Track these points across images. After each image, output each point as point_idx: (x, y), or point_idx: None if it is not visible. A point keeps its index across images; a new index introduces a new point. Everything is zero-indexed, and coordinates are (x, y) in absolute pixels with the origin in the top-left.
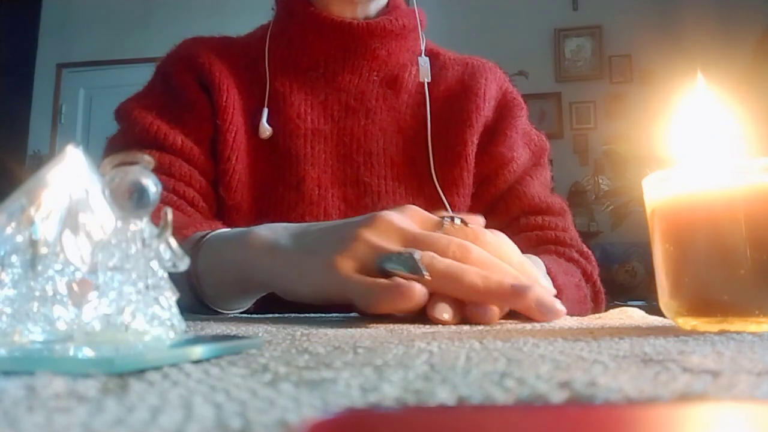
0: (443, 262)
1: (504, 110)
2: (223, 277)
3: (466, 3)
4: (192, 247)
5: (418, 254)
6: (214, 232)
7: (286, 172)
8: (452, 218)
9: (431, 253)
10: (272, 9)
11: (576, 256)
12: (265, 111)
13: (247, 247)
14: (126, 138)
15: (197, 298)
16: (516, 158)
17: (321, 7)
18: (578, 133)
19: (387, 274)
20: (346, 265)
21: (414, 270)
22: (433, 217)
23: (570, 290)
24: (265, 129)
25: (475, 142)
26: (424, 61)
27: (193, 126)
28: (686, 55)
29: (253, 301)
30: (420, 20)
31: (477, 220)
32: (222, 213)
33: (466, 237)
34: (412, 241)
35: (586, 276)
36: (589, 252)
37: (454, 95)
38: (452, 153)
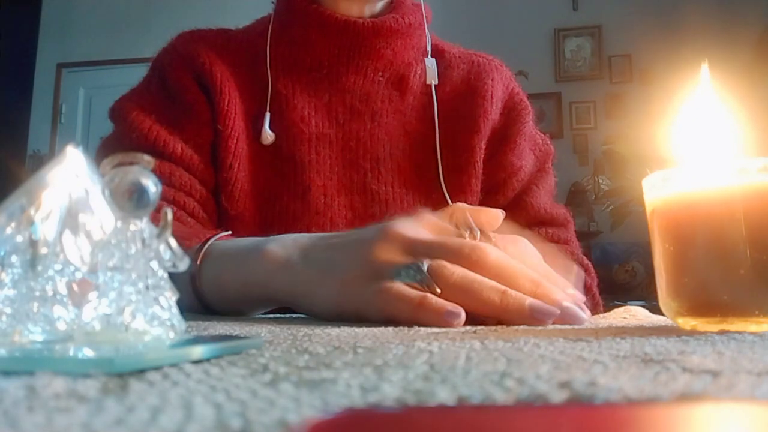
0: (457, 273)
1: (512, 113)
2: (233, 291)
3: (465, 3)
4: (195, 255)
5: (425, 265)
6: (216, 241)
7: (291, 180)
8: (470, 229)
9: (443, 262)
10: (272, 2)
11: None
12: (267, 116)
13: (262, 264)
14: (123, 142)
15: (201, 303)
16: (523, 167)
17: (325, 5)
18: (578, 133)
19: None
20: (360, 285)
21: (422, 283)
22: (447, 226)
23: None
24: (268, 135)
25: (483, 147)
26: (431, 63)
27: (193, 131)
28: (686, 55)
29: (264, 311)
30: (426, 16)
31: (497, 215)
32: (224, 223)
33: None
34: (423, 250)
35: (586, 288)
36: (589, 264)
37: (460, 96)
38: (460, 159)
